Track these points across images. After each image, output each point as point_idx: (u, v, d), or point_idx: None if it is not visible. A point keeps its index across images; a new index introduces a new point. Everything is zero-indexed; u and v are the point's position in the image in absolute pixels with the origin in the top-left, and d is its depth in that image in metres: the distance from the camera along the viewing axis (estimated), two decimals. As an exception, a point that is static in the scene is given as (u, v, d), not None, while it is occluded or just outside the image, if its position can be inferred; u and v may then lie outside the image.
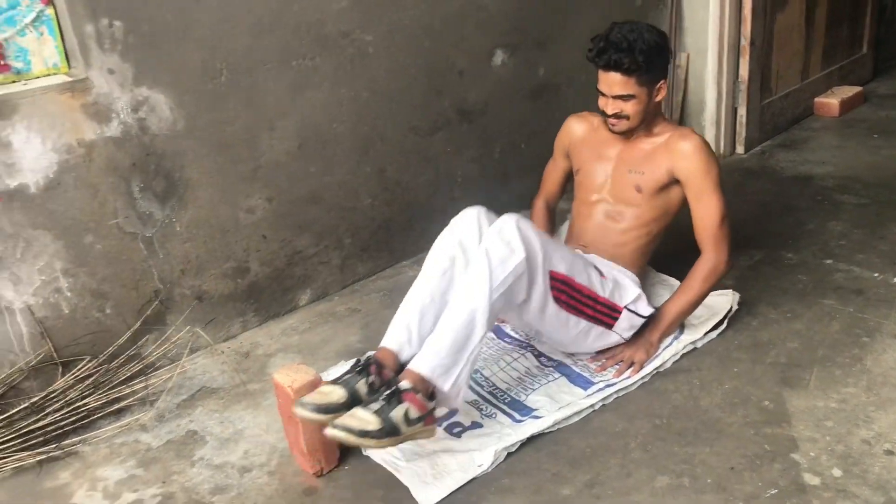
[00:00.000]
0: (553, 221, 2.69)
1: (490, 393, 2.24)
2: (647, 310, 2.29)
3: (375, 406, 1.82)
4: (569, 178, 2.65)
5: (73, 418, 2.26)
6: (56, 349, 2.34)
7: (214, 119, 2.45)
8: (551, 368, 2.32)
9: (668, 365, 2.29)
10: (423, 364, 1.92)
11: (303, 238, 2.75)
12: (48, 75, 2.24)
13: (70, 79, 2.21)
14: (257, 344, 2.62)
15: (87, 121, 2.23)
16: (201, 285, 2.57)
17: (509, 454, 2.01)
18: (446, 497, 1.89)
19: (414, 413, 1.83)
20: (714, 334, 2.39)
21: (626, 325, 2.28)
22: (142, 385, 2.37)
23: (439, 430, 2.09)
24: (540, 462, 1.99)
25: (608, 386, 2.20)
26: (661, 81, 2.28)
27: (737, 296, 2.47)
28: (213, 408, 2.33)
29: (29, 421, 2.21)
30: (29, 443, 2.18)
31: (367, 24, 2.69)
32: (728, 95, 3.63)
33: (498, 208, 3.08)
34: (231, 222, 2.58)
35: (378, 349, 2.08)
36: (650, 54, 2.19)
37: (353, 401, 1.87)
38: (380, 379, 1.96)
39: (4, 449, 2.16)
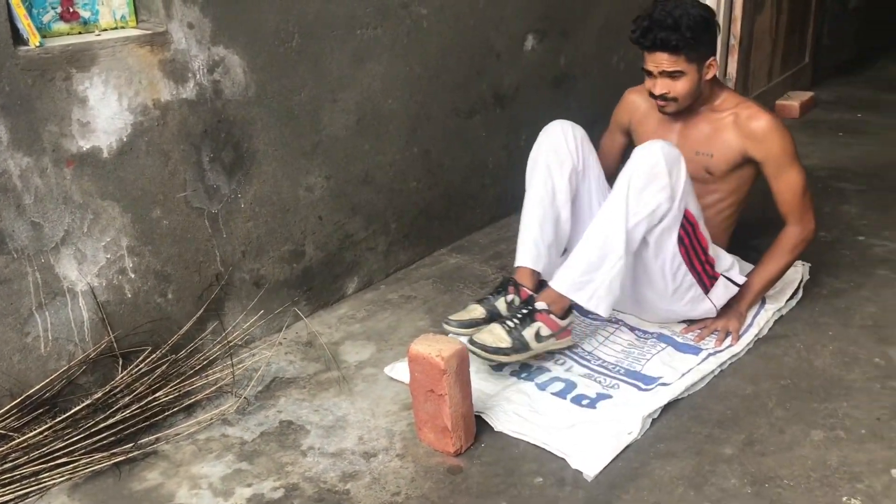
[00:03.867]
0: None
1: (601, 366, 2.17)
2: (740, 278, 2.30)
3: (511, 324, 2.03)
4: (626, 154, 2.61)
5: (146, 415, 2.00)
6: (115, 339, 2.06)
7: (284, 87, 2.27)
8: (654, 339, 2.28)
9: (765, 332, 2.30)
10: (559, 282, 2.09)
11: (354, 221, 2.59)
12: (115, 28, 2.00)
13: (149, 31, 1.98)
14: (316, 333, 2.42)
15: (164, 79, 2.01)
16: (260, 269, 2.36)
17: (653, 421, 1.95)
18: (609, 465, 1.80)
19: (545, 331, 2.05)
20: (793, 303, 2.44)
21: (720, 293, 2.26)
22: (218, 376, 2.13)
23: (572, 405, 2.01)
24: (688, 427, 1.94)
25: (717, 353, 2.19)
26: (711, 58, 2.20)
27: (807, 266, 2.53)
28: (299, 397, 2.13)
29: (97, 419, 1.93)
30: (100, 444, 1.91)
31: (423, -4, 2.59)
32: None
33: (517, 198, 3.09)
34: (292, 200, 2.39)
35: (514, 269, 2.24)
36: (697, 30, 2.11)
37: (493, 318, 2.09)
38: (519, 297, 2.16)
39: (73, 451, 1.87)
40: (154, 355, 2.10)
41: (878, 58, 5.62)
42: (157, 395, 2.03)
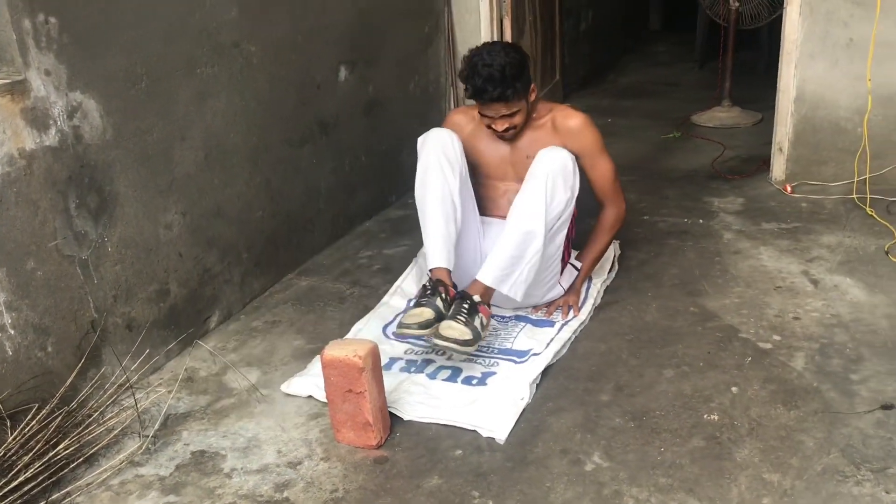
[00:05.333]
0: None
1: (477, 350, 2.41)
2: (578, 263, 2.66)
3: (463, 318, 2.21)
4: None
5: (51, 471, 1.94)
6: (0, 401, 1.98)
7: (138, 128, 2.30)
8: (513, 320, 2.58)
9: (599, 301, 2.68)
10: (486, 276, 2.33)
11: (211, 255, 2.64)
12: (-34, 79, 1.94)
13: (8, 80, 1.94)
14: (193, 369, 2.44)
15: (27, 128, 1.98)
16: (131, 312, 2.34)
17: (537, 386, 2.23)
18: (514, 428, 2.05)
19: (484, 320, 2.27)
20: (612, 275, 2.85)
21: (567, 278, 2.63)
22: (116, 420, 2.10)
23: (464, 386, 2.24)
24: (565, 385, 2.24)
25: (567, 323, 2.53)
26: (532, 85, 2.45)
27: (617, 243, 2.96)
28: (201, 428, 2.16)
29: (-1, 484, 1.85)
30: (9, 509, 1.83)
31: (251, 34, 2.70)
32: None
33: (349, 219, 3.32)
34: (153, 240, 2.40)
35: (431, 271, 2.40)
36: (521, 75, 2.35)
37: (440, 317, 2.25)
38: (447, 295, 2.32)
39: (-18, 521, 1.79)
40: (43, 412, 2.03)
41: (607, 72, 6.45)
42: (56, 449, 1.97)
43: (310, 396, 2.25)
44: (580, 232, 2.73)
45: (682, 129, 4.69)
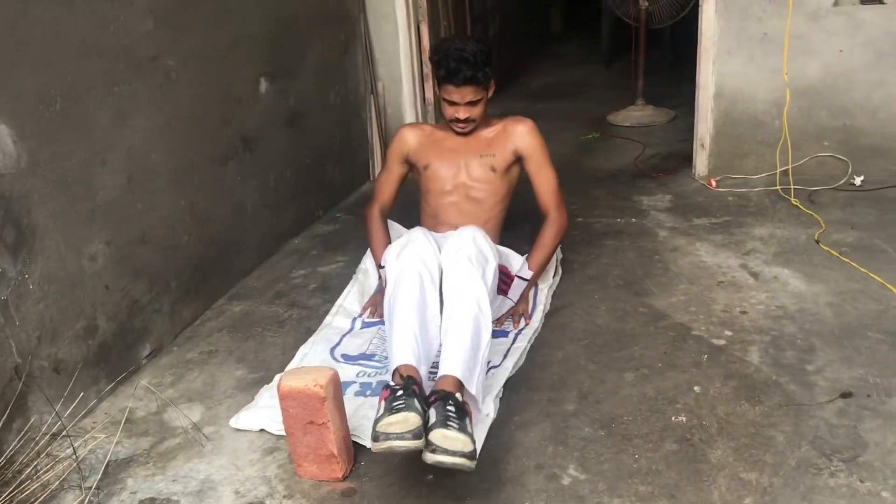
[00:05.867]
0: (387, 228, 2.79)
1: (435, 367, 2.32)
2: (528, 273, 2.61)
3: (456, 424, 1.78)
4: (403, 185, 2.80)
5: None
6: (-83, 464, 1.78)
7: (55, 154, 2.12)
8: (467, 335, 2.50)
9: (548, 307, 2.64)
10: (455, 367, 1.96)
11: (138, 285, 2.46)
12: None
13: None
14: (129, 409, 2.27)
15: (-67, 158, 1.78)
16: (57, 353, 2.15)
17: (500, 401, 2.16)
18: (483, 446, 1.98)
19: (471, 422, 1.85)
20: (557, 279, 2.82)
21: (516, 291, 2.59)
22: (52, 474, 1.92)
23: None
24: (529, 397, 2.18)
25: (520, 332, 2.47)
26: (492, 81, 2.59)
27: (559, 245, 2.93)
28: (147, 473, 2.00)
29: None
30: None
31: (169, 48, 2.55)
32: (421, 116, 4.13)
33: (276, 237, 3.20)
34: (78, 273, 2.22)
35: (400, 367, 1.98)
36: (488, 62, 2.50)
37: (425, 419, 1.81)
38: (421, 393, 1.88)
39: None
40: (-32, 472, 1.84)
41: (518, 75, 6.49)
42: (-13, 513, 1.78)
43: (262, 430, 2.12)
44: (521, 236, 2.70)
45: (600, 129, 4.74)
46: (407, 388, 1.87)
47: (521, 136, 2.65)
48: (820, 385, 2.12)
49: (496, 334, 2.47)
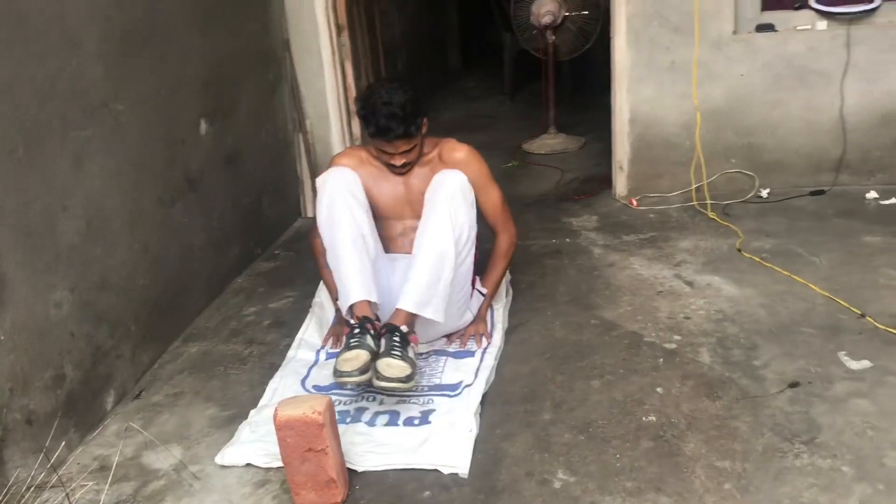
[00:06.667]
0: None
1: (409, 389, 2.39)
2: (483, 288, 2.73)
3: (398, 353, 2.19)
4: None
5: None
6: None
7: (19, 201, 2.09)
8: (433, 356, 2.59)
9: (507, 325, 2.76)
10: (407, 303, 2.32)
11: (101, 330, 2.43)
12: None
13: None
14: (102, 457, 2.23)
15: None
16: (29, 404, 2.11)
17: (481, 416, 2.25)
18: (472, 460, 2.06)
19: (416, 348, 2.29)
20: (510, 299, 2.94)
21: (474, 303, 2.69)
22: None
23: (408, 428, 2.23)
24: (506, 410, 2.28)
25: (485, 350, 2.58)
26: (423, 119, 2.51)
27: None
28: (135, 520, 1.98)
29: None
30: None
31: (118, 92, 2.55)
32: None
33: (222, 276, 3.18)
34: (45, 321, 2.18)
35: (354, 305, 2.35)
36: (419, 112, 2.44)
37: (374, 356, 2.20)
38: (374, 329, 2.27)
39: None
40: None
41: (427, 109, 6.63)
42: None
43: (248, 464, 2.13)
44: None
45: (518, 157, 4.93)
46: (361, 327, 2.27)
47: (458, 165, 2.59)
48: (769, 378, 2.31)
49: (463, 355, 2.57)
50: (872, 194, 3.59)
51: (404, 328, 2.28)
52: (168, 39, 2.90)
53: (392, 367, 2.16)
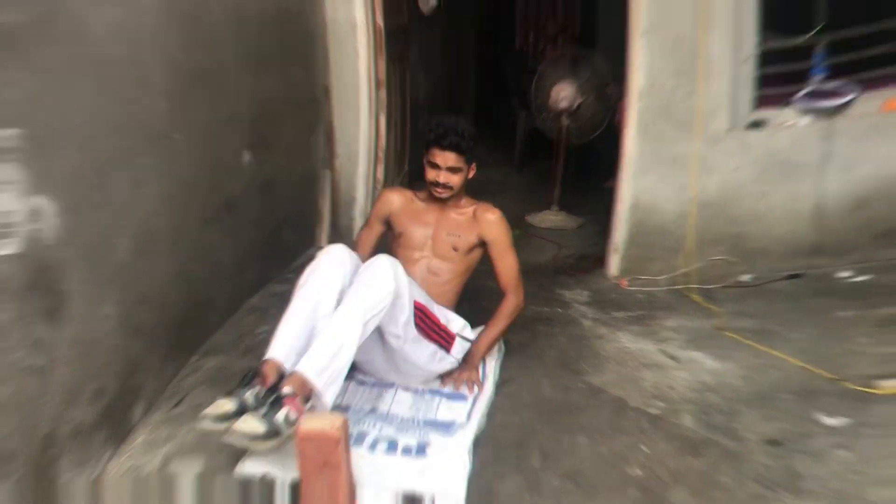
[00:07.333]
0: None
1: (403, 422, 2.62)
2: (472, 334, 3.00)
3: (262, 411, 2.16)
4: (380, 243, 3.16)
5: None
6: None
7: (84, 223, 2.30)
8: (429, 394, 2.83)
9: (497, 377, 3.00)
10: (304, 367, 2.30)
11: (137, 343, 2.63)
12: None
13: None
14: (134, 468, 2.41)
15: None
16: (77, 417, 2.29)
17: (475, 456, 2.46)
18: (468, 494, 2.27)
19: (293, 415, 2.18)
20: (501, 355, 3.18)
21: (458, 349, 2.93)
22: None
23: (405, 457, 2.44)
24: (497, 453, 2.50)
25: (477, 397, 2.81)
26: (473, 163, 2.98)
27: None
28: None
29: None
30: None
31: (177, 124, 2.82)
32: (371, 193, 4.57)
33: (239, 296, 3.54)
34: (95, 335, 2.38)
35: (266, 360, 2.38)
36: (473, 140, 2.90)
37: (242, 409, 2.19)
38: (263, 388, 2.28)
39: None
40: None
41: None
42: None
43: (265, 474, 2.31)
44: (473, 310, 3.11)
45: (521, 227, 5.22)
46: (244, 379, 2.31)
47: (488, 224, 3.00)
48: (749, 438, 2.56)
49: (456, 398, 2.80)
50: (846, 273, 3.88)
51: (287, 389, 2.23)
52: (224, 79, 3.21)
53: (245, 423, 2.13)
